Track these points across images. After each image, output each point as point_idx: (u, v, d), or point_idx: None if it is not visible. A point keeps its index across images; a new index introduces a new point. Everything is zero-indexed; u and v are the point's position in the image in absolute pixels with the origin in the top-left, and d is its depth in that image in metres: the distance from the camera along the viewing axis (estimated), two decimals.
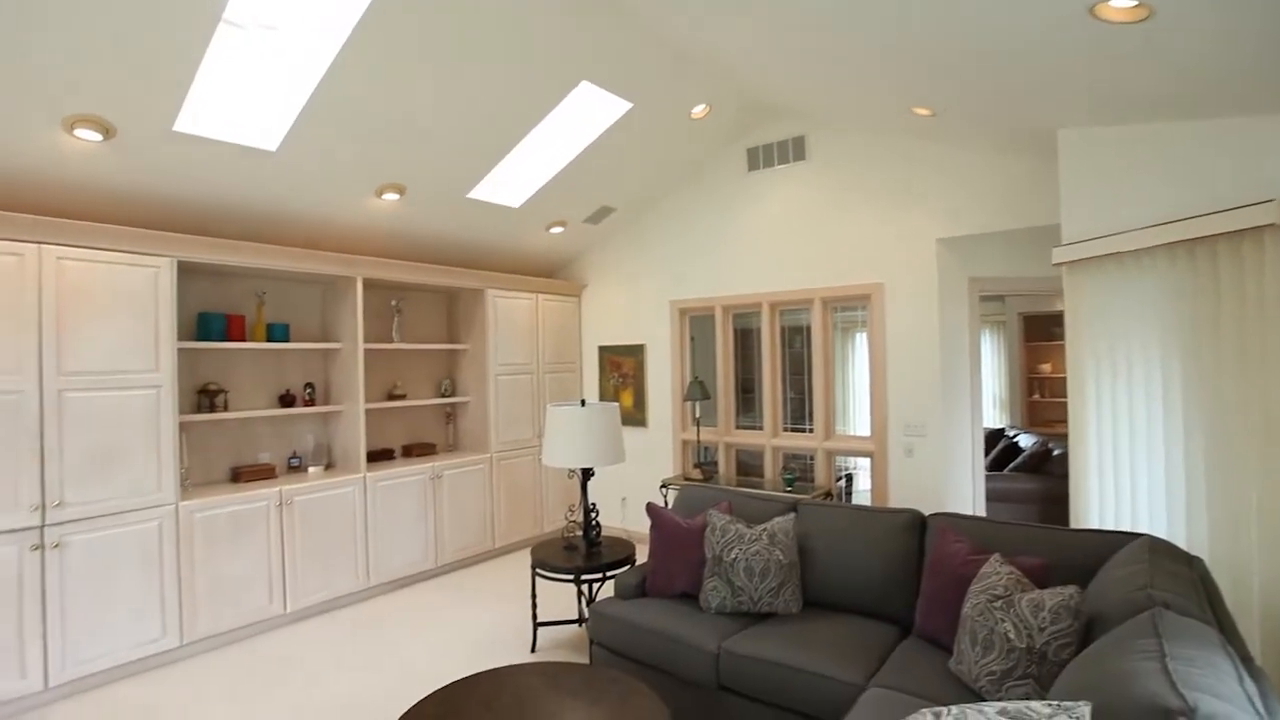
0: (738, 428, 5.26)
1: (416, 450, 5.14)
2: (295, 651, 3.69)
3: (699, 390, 5.04)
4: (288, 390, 4.56)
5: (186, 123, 3.22)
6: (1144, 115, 2.80)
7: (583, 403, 3.46)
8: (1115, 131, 2.98)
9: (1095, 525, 2.95)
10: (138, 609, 3.46)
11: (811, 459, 4.86)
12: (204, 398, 4.09)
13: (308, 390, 4.60)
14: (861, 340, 4.76)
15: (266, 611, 3.95)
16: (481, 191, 4.59)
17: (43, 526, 3.18)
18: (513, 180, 4.62)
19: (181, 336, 3.82)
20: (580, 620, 3.67)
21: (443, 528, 4.91)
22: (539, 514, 5.67)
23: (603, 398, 6.01)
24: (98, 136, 3.10)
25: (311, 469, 4.50)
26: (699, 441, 5.27)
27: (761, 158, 4.97)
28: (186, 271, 3.97)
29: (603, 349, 6.03)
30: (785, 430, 5.03)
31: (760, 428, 5.10)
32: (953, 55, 2.80)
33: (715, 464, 5.25)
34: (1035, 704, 1.28)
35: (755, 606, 2.77)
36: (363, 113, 3.49)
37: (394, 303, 5.16)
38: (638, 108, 4.21)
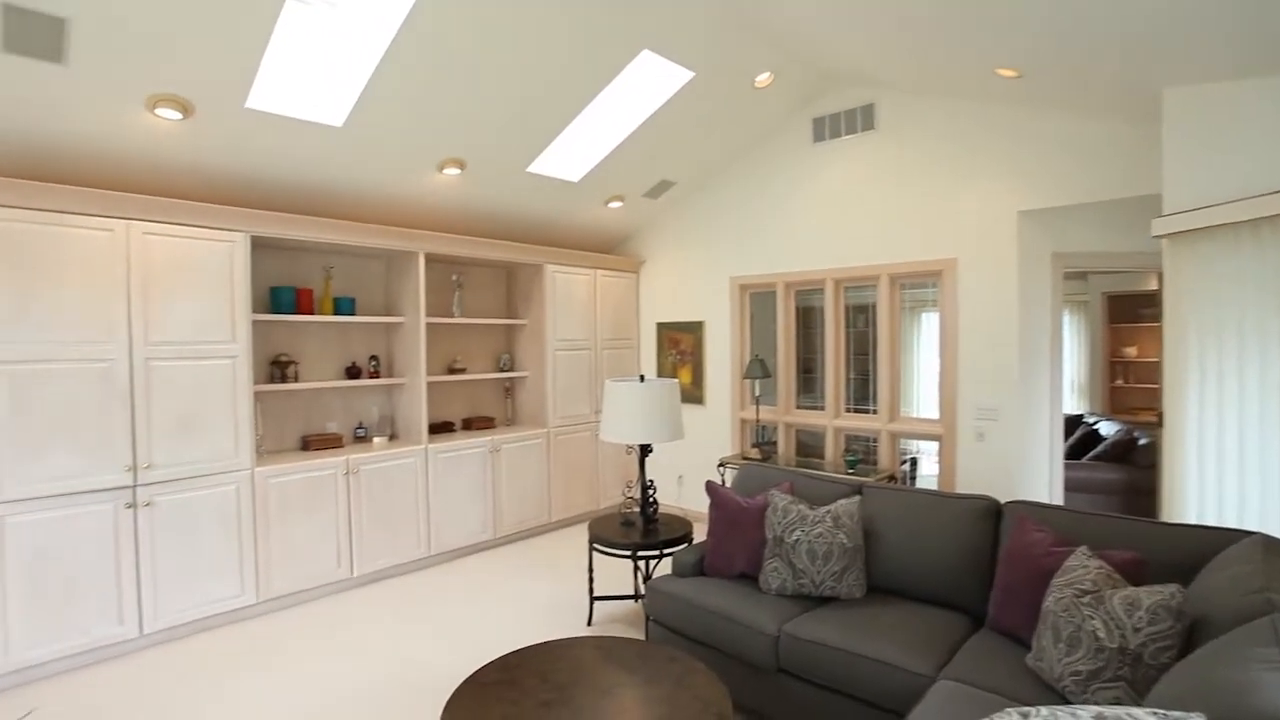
0: (798, 407, 5.14)
1: (476, 423, 5.23)
2: (361, 614, 3.83)
3: (759, 368, 4.93)
4: (353, 362, 4.68)
5: (258, 100, 3.29)
6: (1271, 66, 2.52)
7: (642, 378, 3.42)
8: (1230, 88, 2.70)
9: (1193, 520, 2.74)
10: (219, 567, 3.65)
11: (874, 441, 4.70)
12: (276, 368, 4.24)
13: (372, 362, 4.71)
14: (929, 319, 4.56)
15: (334, 575, 4.11)
16: (541, 165, 4.56)
17: (135, 486, 3.37)
18: (572, 154, 4.57)
19: (255, 309, 3.96)
20: (636, 596, 3.67)
21: (501, 500, 4.99)
22: (595, 489, 5.71)
23: (660, 375, 5.96)
24: (177, 115, 3.20)
25: (376, 439, 4.63)
26: (758, 421, 5.18)
27: (828, 128, 4.77)
28: (259, 246, 4.11)
29: (661, 325, 5.97)
30: (847, 411, 4.88)
31: (821, 408, 4.96)
32: (1046, 5, 2.57)
33: (774, 444, 5.15)
34: (1137, 711, 1.17)
35: (817, 590, 2.70)
36: (424, 88, 3.49)
37: (455, 277, 5.23)
38: (700, 77, 4.08)
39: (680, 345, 5.81)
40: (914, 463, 5.23)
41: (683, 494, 5.77)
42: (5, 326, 3.04)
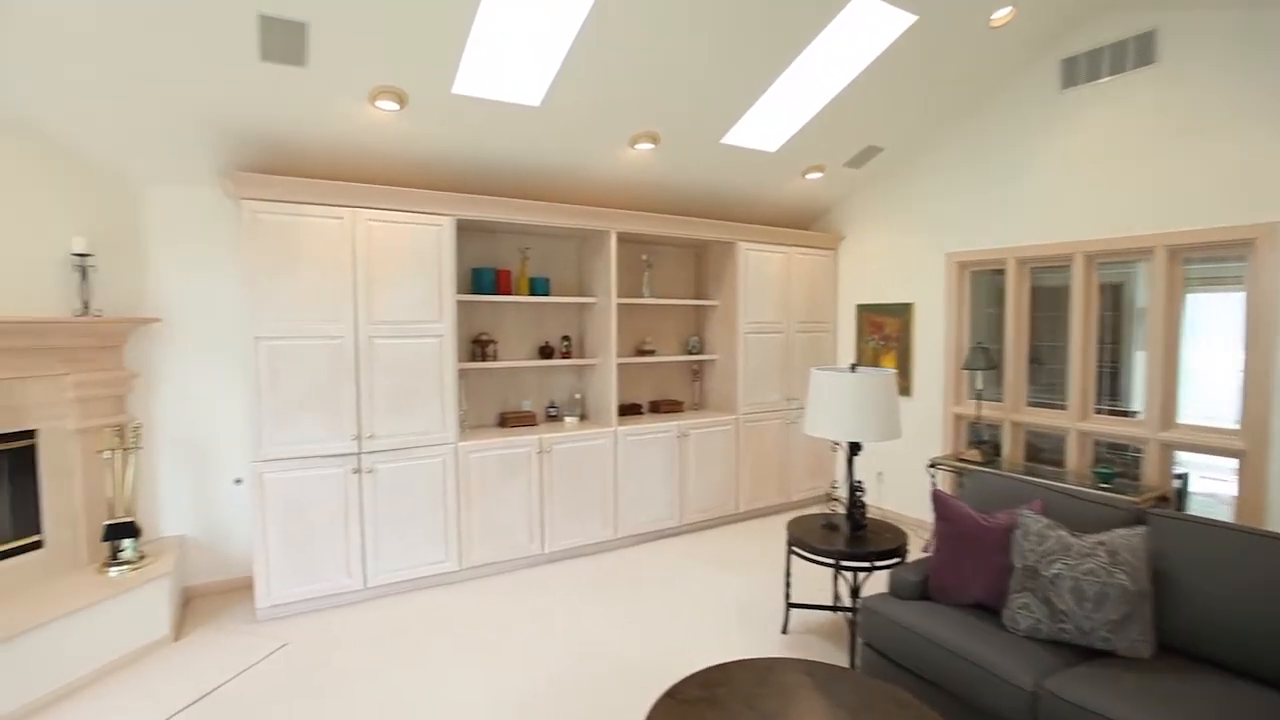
0: (1030, 404, 4.38)
1: (664, 406, 5.12)
2: (551, 591, 3.88)
3: (982, 358, 4.26)
4: (547, 342, 4.77)
5: (463, 85, 3.35)
6: None
7: (853, 367, 3.03)
8: None
9: None
10: (428, 533, 3.88)
11: (1137, 451, 3.85)
12: (477, 347, 4.42)
13: (565, 343, 4.76)
14: (1205, 300, 3.61)
15: (527, 550, 4.22)
16: (736, 136, 4.26)
17: (359, 454, 3.67)
18: (769, 123, 4.21)
19: (459, 290, 4.12)
20: (837, 608, 3.31)
21: (687, 487, 4.85)
22: (785, 481, 5.37)
23: (859, 361, 5.44)
24: (395, 106, 3.36)
25: (568, 419, 4.68)
26: (978, 417, 4.50)
27: (1084, 68, 3.92)
28: (463, 229, 4.28)
29: (861, 307, 5.43)
30: (1098, 412, 4.05)
31: (1061, 406, 4.18)
32: None
33: (996, 445, 4.45)
34: None
35: (1084, 639, 2.17)
36: (617, 58, 3.34)
37: (644, 257, 5.12)
38: (923, 19, 3.51)
39: (884, 330, 5.24)
40: (1184, 480, 4.24)
41: (883, 493, 5.23)
42: (263, 307, 3.40)
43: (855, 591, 2.93)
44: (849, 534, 3.07)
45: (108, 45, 2.71)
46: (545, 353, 4.68)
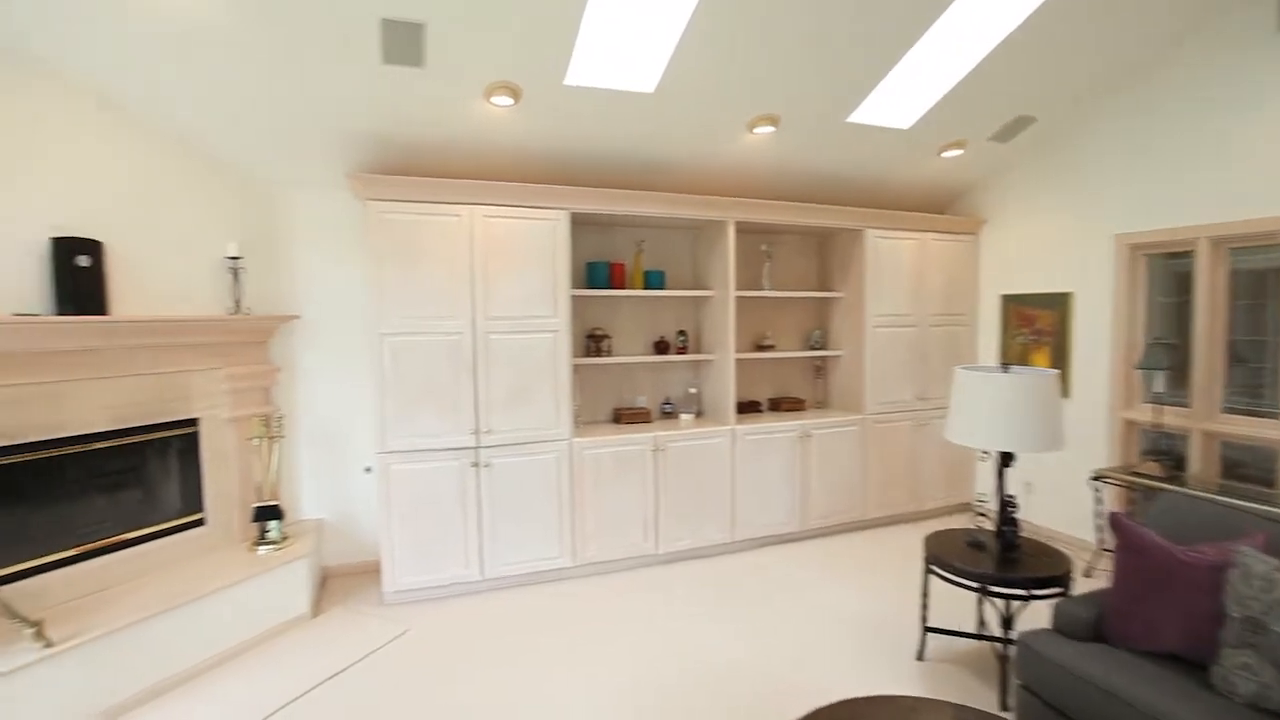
0: (1226, 410, 3.70)
1: (784, 405, 4.85)
2: (665, 593, 3.76)
3: (1163, 356, 3.65)
4: (661, 337, 4.64)
5: (575, 76, 3.27)
6: None
7: (1005, 367, 2.66)
8: None
9: None
10: (542, 529, 3.88)
11: None
12: (591, 342, 4.37)
13: (680, 338, 4.62)
14: None
15: (640, 549, 4.12)
16: (864, 114, 3.91)
17: (477, 448, 3.72)
18: (902, 97, 3.82)
19: (573, 284, 4.08)
20: (983, 637, 2.94)
21: (809, 490, 4.56)
22: (916, 487, 4.93)
23: (1005, 358, 4.88)
24: (509, 101, 3.34)
25: (683, 416, 4.54)
26: (1156, 424, 3.87)
27: None
28: (577, 223, 4.23)
29: (1007, 298, 4.86)
30: None
31: (1273, 414, 3.49)
32: None
33: (1178, 457, 3.81)
34: None
35: None
36: (734, 40, 3.12)
37: (763, 247, 4.87)
38: None
39: (1035, 323, 4.66)
40: None
41: (1031, 506, 4.66)
42: (387, 304, 3.52)
43: (1007, 622, 2.57)
44: (999, 555, 2.70)
45: (248, 60, 2.86)
46: (660, 348, 4.56)
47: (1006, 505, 2.72)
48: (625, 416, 4.41)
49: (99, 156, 3.00)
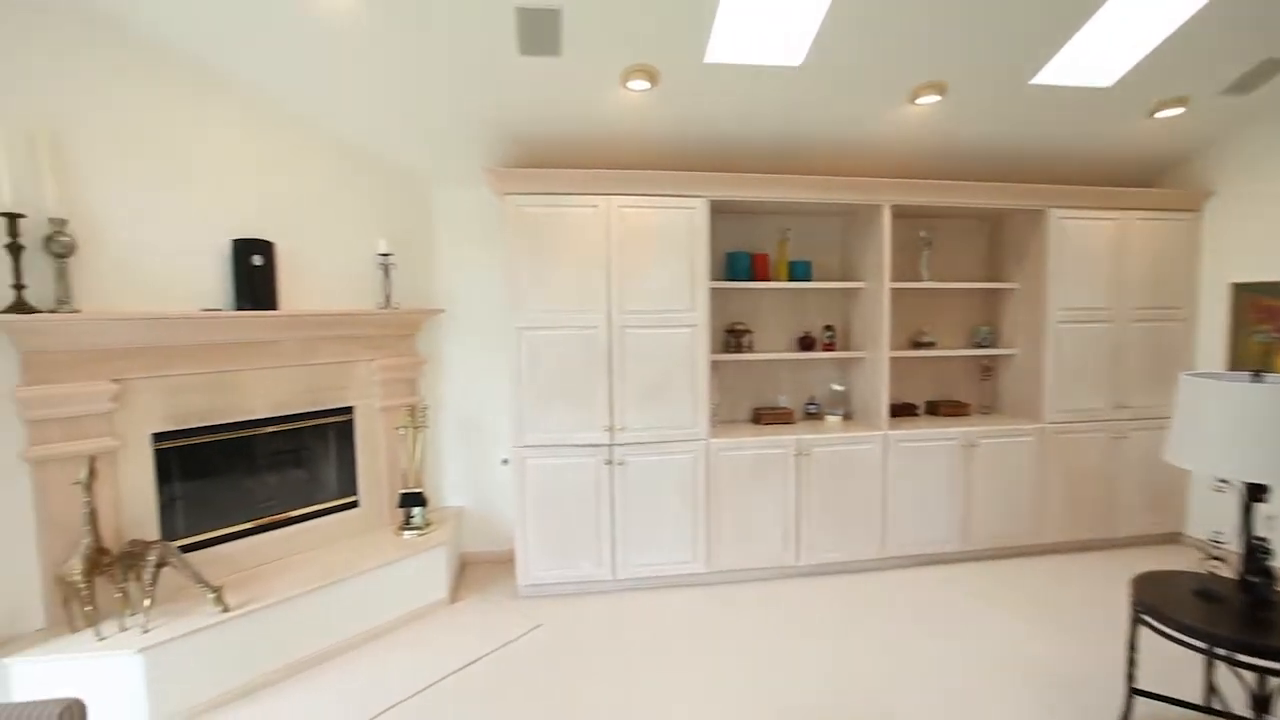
0: None
1: (944, 409, 4.34)
2: (806, 611, 3.46)
3: None
4: (807, 333, 4.31)
5: (715, 53, 3.05)
6: None
7: (1258, 375, 2.10)
8: None
9: None
10: (676, 531, 3.72)
11: None
12: (730, 337, 4.14)
13: (827, 333, 4.26)
14: None
15: (780, 559, 3.84)
16: (1053, 73, 3.34)
17: (611, 445, 3.63)
18: (1101, 50, 3.21)
19: (712, 276, 3.87)
20: (1216, 712, 2.37)
21: (973, 506, 4.03)
22: (1109, 512, 4.22)
23: (1236, 358, 4.03)
24: (645, 84, 3.18)
25: (829, 418, 4.19)
26: None
27: None
28: (716, 211, 4.01)
29: (1241, 287, 4.01)
30: None
31: None
32: None
33: None
34: None
35: None
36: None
37: (922, 233, 4.37)
38: None
39: None
40: None
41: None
42: (524, 298, 3.51)
43: (1263, 703, 2.02)
44: (1244, 611, 2.14)
45: (392, 59, 2.93)
46: (805, 344, 4.23)
47: (1256, 550, 2.16)
48: (766, 417, 4.14)
49: (268, 162, 3.23)
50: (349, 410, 3.61)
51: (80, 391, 2.62)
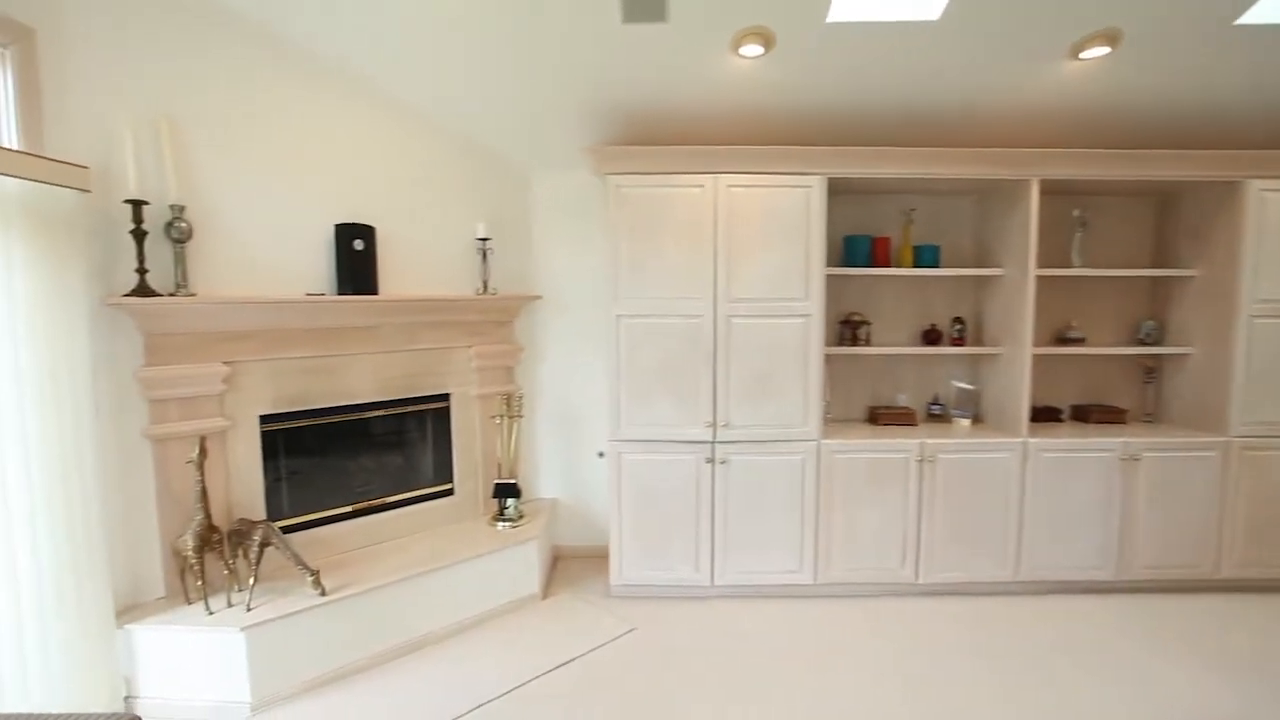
0: None
1: (1095, 415, 3.77)
2: (922, 632, 3.09)
3: None
4: (932, 325, 3.87)
5: (840, 11, 2.71)
6: None
7: None
8: None
9: None
10: (781, 538, 3.44)
11: None
12: (846, 329, 3.78)
13: (957, 326, 3.80)
14: None
15: (896, 575, 3.47)
16: (1267, 9, 2.74)
17: (714, 443, 3.40)
18: None
19: (828, 262, 3.52)
20: None
21: (1132, 530, 3.48)
22: None
23: None
24: (759, 50, 2.89)
25: (957, 421, 3.75)
26: None
27: None
28: (834, 190, 3.64)
29: None
30: None
31: None
32: None
33: None
34: None
35: None
36: None
37: (1075, 212, 3.80)
38: None
39: None
40: None
41: None
42: (624, 285, 3.33)
43: None
44: None
45: (489, 36, 2.80)
46: (930, 338, 3.80)
47: None
48: (883, 417, 3.76)
49: (370, 147, 3.21)
50: (446, 397, 3.57)
51: (195, 373, 2.69)
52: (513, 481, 3.59)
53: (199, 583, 2.62)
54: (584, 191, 3.88)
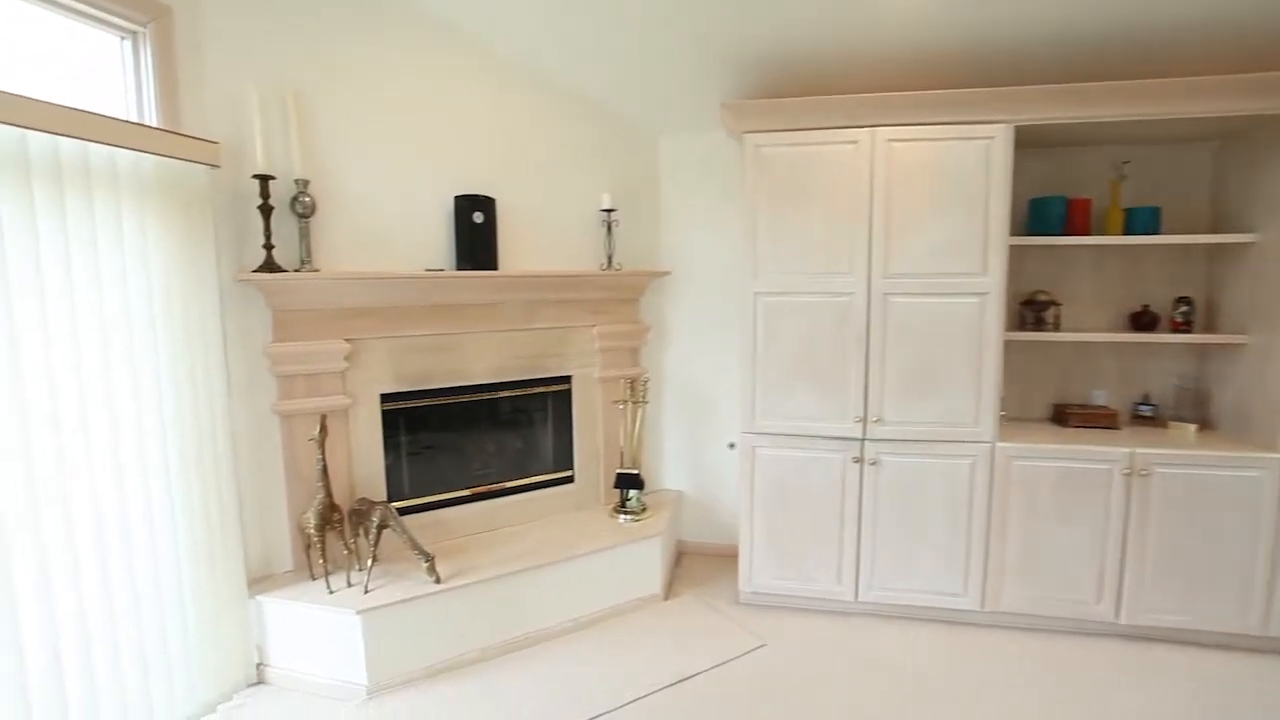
0: None
1: None
2: (1127, 687, 2.48)
3: None
4: (1145, 305, 3.13)
5: None
6: None
7: None
8: None
9: None
10: (939, 554, 2.94)
11: None
12: (1028, 310, 3.15)
13: (1181, 308, 3.04)
14: None
15: (1090, 612, 2.85)
16: None
17: (863, 440, 2.96)
18: None
19: (1010, 230, 2.92)
20: None
21: None
22: None
23: None
24: None
25: (1175, 426, 3.02)
26: None
27: None
28: (1020, 143, 2.99)
29: None
30: None
31: None
32: None
33: None
34: None
35: None
36: None
37: None
38: None
39: None
40: None
41: None
42: (763, 259, 2.96)
43: None
44: None
45: None
46: (1141, 322, 3.08)
47: None
48: (1075, 418, 3.11)
49: (489, 114, 3.05)
50: (567, 379, 3.38)
51: (319, 349, 2.66)
52: (636, 472, 3.35)
53: (321, 560, 2.60)
54: (718, 156, 3.51)
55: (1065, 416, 3.16)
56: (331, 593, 2.55)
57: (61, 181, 1.87)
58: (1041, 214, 3.04)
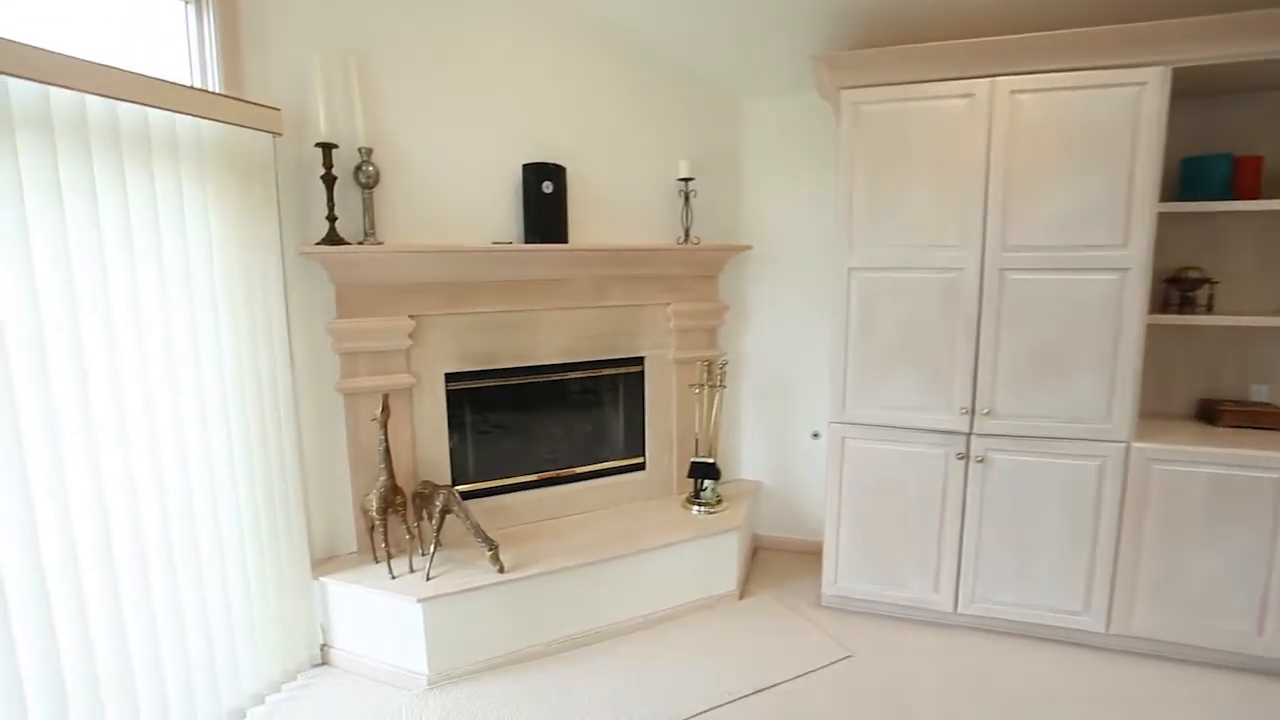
0: None
1: None
2: None
3: None
4: None
5: None
6: None
7: None
8: None
9: None
10: (1059, 566, 2.58)
11: None
12: (1174, 289, 2.71)
13: None
14: None
15: (1248, 644, 2.43)
16: None
17: (969, 434, 2.62)
18: None
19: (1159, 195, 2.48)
20: None
21: None
22: None
23: None
24: None
25: None
26: None
27: None
28: (1176, 93, 2.54)
29: None
30: None
31: None
32: None
33: None
34: None
35: None
36: None
37: None
38: None
39: None
40: None
41: None
42: (861, 229, 2.65)
43: None
44: None
45: None
46: None
47: None
48: (1228, 415, 2.65)
49: (560, 76, 2.85)
50: (640, 361, 3.18)
51: (383, 326, 2.56)
52: (711, 461, 3.12)
53: (383, 544, 2.52)
54: (806, 120, 3.19)
55: (1216, 414, 2.70)
56: (394, 578, 2.46)
57: (120, 149, 1.80)
58: (1198, 175, 2.58)
